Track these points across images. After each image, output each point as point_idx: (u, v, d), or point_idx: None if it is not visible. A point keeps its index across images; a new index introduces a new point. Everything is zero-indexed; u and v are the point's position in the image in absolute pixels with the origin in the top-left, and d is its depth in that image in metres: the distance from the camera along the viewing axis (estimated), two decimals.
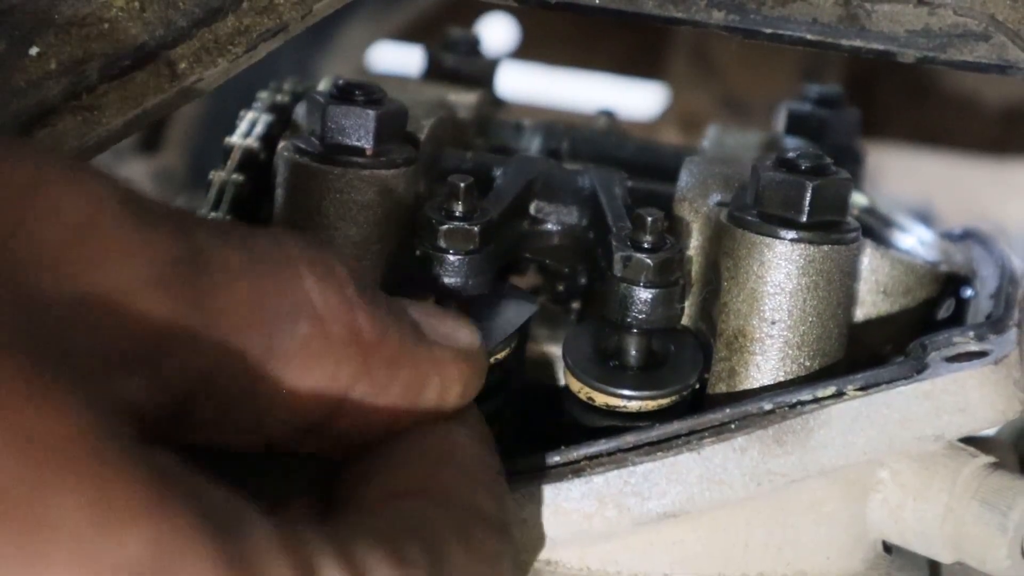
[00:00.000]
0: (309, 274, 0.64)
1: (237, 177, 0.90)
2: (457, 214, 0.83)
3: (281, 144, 0.87)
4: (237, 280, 0.62)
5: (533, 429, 0.88)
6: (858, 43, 0.80)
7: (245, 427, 0.63)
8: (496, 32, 1.90)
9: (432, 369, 0.68)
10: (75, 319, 0.56)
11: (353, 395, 0.65)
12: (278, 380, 0.63)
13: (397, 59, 1.81)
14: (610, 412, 0.82)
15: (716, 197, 0.86)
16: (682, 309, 0.84)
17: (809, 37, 0.80)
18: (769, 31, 0.81)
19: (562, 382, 0.85)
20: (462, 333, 0.70)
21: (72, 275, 0.57)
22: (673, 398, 0.83)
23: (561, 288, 0.93)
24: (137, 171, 1.57)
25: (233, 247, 0.62)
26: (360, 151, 0.84)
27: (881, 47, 0.80)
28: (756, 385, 0.83)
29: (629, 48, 1.92)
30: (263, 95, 0.95)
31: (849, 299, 0.85)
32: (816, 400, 0.79)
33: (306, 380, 0.63)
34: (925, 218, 1.37)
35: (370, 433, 0.66)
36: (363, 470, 0.66)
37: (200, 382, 0.61)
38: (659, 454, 0.77)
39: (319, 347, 0.64)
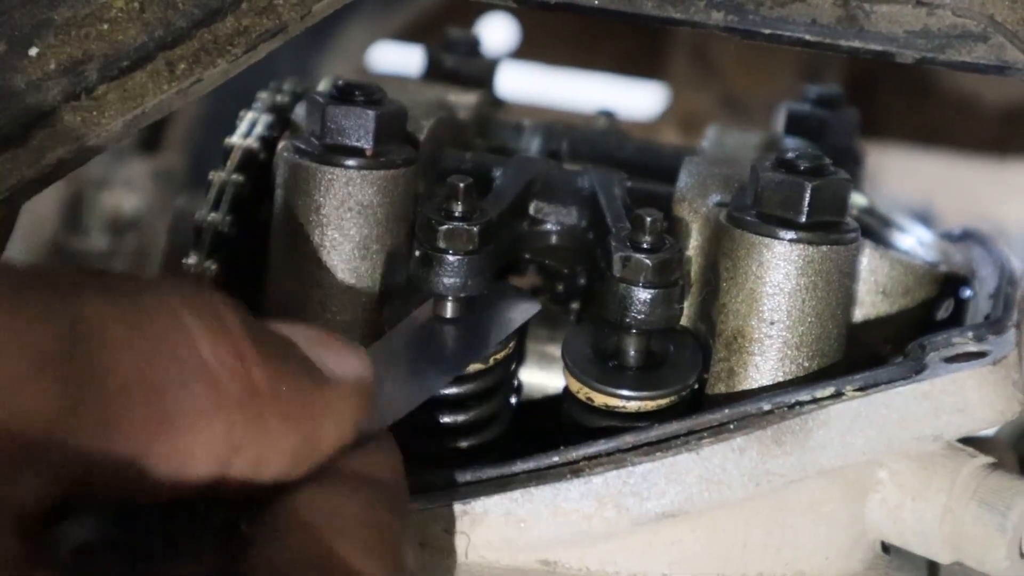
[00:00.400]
0: (198, 330, 0.61)
1: (237, 177, 0.90)
2: (456, 214, 0.83)
3: (281, 144, 0.87)
4: (122, 353, 0.59)
5: (532, 429, 0.88)
6: (857, 44, 0.80)
7: (141, 492, 0.60)
8: (496, 32, 1.90)
9: (327, 412, 0.65)
10: None
11: (247, 450, 0.62)
12: (171, 448, 0.60)
13: (397, 59, 1.81)
14: (609, 412, 0.82)
15: (715, 197, 0.86)
16: (681, 309, 0.84)
17: (808, 38, 0.80)
18: (768, 32, 0.81)
19: (561, 382, 0.85)
20: (351, 361, 0.67)
21: None
22: (672, 398, 0.83)
23: (560, 288, 0.93)
24: (137, 171, 1.58)
25: (117, 312, 0.59)
26: (360, 151, 0.85)
27: (880, 48, 0.80)
28: (755, 385, 0.83)
29: (629, 48, 1.92)
30: (263, 95, 0.95)
31: (848, 299, 0.85)
32: (815, 400, 0.79)
33: (199, 442, 0.60)
34: (925, 218, 1.37)
35: (267, 484, 0.63)
36: (258, 534, 0.63)
37: (88, 466, 0.58)
38: (658, 454, 0.77)
39: (212, 408, 0.61)
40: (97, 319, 0.59)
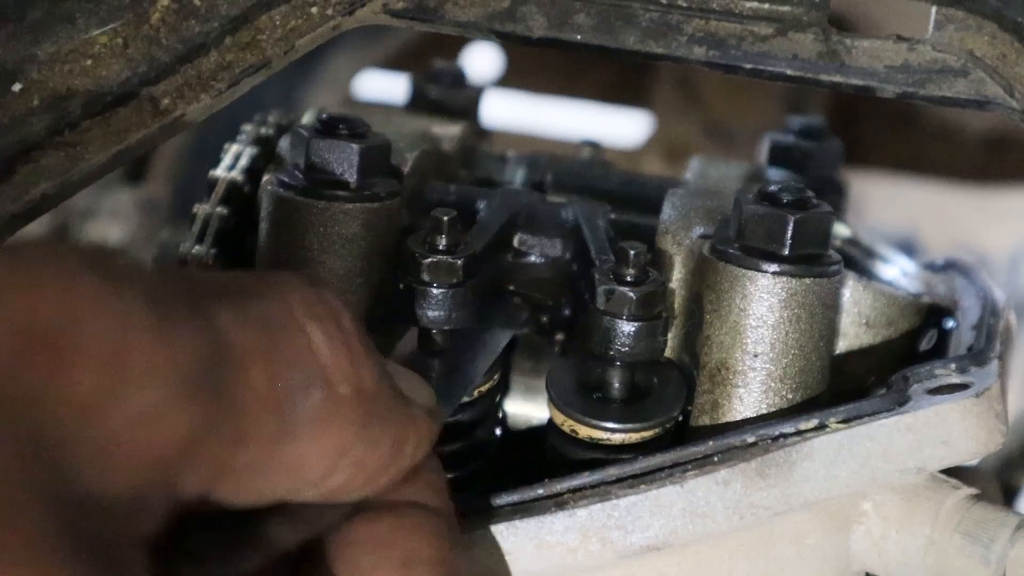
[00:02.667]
0: (316, 332, 0.62)
1: (221, 210, 0.90)
2: (440, 247, 0.83)
3: (265, 177, 0.87)
4: (254, 365, 0.59)
5: (516, 461, 0.88)
6: (838, 78, 0.81)
7: (247, 499, 0.61)
8: (481, 60, 1.91)
9: (410, 427, 0.66)
10: (98, 463, 0.54)
11: (352, 453, 0.63)
12: (290, 456, 0.61)
13: (382, 88, 1.81)
14: (593, 445, 0.82)
15: (699, 230, 0.87)
16: (665, 342, 0.84)
17: (789, 72, 0.81)
18: (750, 67, 0.81)
19: (546, 414, 0.85)
20: (422, 390, 0.69)
21: (98, 416, 0.54)
22: (656, 431, 0.83)
23: (545, 320, 0.93)
24: (122, 201, 1.58)
25: (248, 325, 0.60)
26: (344, 184, 0.85)
27: (861, 82, 0.81)
28: (739, 418, 0.83)
29: (614, 76, 1.93)
30: (247, 128, 0.95)
31: (831, 331, 0.85)
32: (799, 433, 0.79)
33: (314, 448, 0.62)
34: (908, 247, 1.37)
35: (355, 492, 0.65)
36: (315, 555, 0.64)
37: (215, 483, 0.59)
38: (642, 487, 0.77)
39: (329, 413, 0.62)
40: (231, 334, 0.59)
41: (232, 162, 0.93)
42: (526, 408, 0.90)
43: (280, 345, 0.61)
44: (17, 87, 0.77)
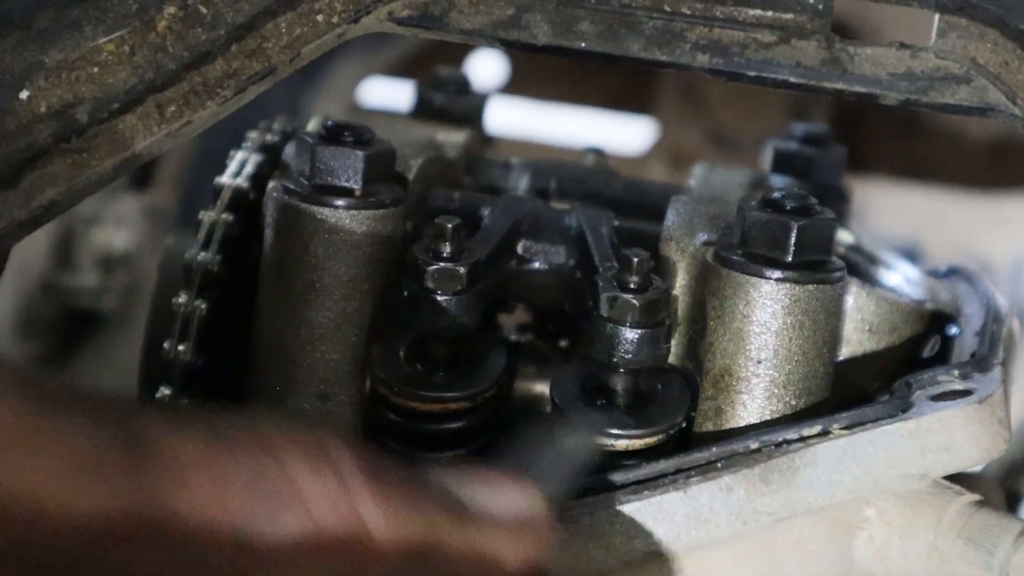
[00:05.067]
0: (296, 460, 0.55)
1: (227, 217, 0.91)
2: (444, 255, 0.84)
3: (270, 184, 0.88)
4: (195, 473, 0.53)
5: None
6: (841, 86, 0.81)
7: None
8: (485, 67, 1.91)
9: (467, 556, 0.58)
10: None
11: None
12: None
13: (387, 94, 1.81)
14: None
15: (702, 236, 0.87)
16: (668, 348, 0.84)
17: (793, 80, 0.81)
18: (753, 74, 0.82)
19: None
20: (511, 498, 0.60)
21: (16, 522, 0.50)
22: (660, 437, 0.83)
23: (549, 326, 0.93)
24: (128, 208, 1.58)
25: (188, 433, 0.54)
26: (349, 192, 0.85)
27: (864, 90, 0.81)
28: (742, 424, 0.83)
29: (618, 84, 1.93)
30: (253, 135, 0.96)
31: (834, 338, 0.85)
32: (802, 439, 0.79)
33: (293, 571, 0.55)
34: (912, 254, 1.37)
35: None
36: None
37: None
38: (646, 493, 0.78)
39: (313, 548, 0.55)
40: (166, 437, 0.54)
41: (238, 169, 0.93)
42: (530, 414, 0.90)
43: (237, 458, 0.54)
44: (24, 94, 0.78)
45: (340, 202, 0.85)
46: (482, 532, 0.59)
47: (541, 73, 1.92)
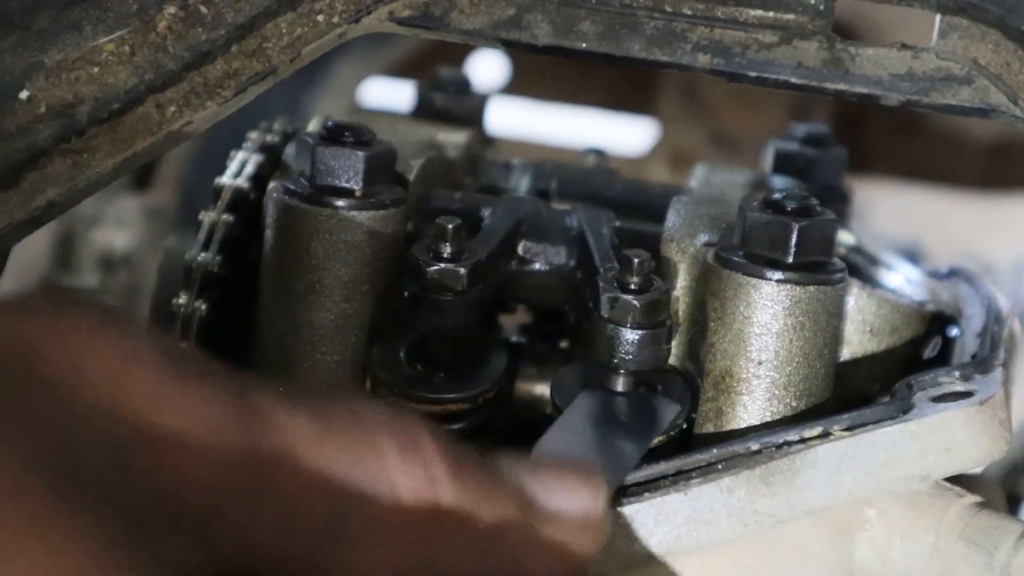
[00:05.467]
0: (390, 449, 0.59)
1: (227, 217, 0.91)
2: (445, 255, 0.83)
3: (271, 185, 0.88)
4: (305, 451, 0.57)
5: None
6: (842, 86, 0.81)
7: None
8: (486, 68, 1.91)
9: (533, 552, 0.61)
10: (119, 465, 0.53)
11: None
12: (343, 562, 0.57)
13: (388, 95, 1.81)
14: None
15: (703, 237, 0.87)
16: (669, 349, 0.84)
17: (794, 80, 0.81)
18: (754, 74, 0.81)
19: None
20: (580, 496, 0.63)
21: (103, 424, 0.53)
22: (660, 438, 0.83)
23: (549, 327, 0.93)
24: (128, 208, 1.58)
25: (301, 413, 0.58)
26: (349, 192, 0.85)
27: (865, 90, 0.81)
28: (743, 425, 0.83)
29: (619, 84, 1.93)
30: (253, 135, 0.96)
31: (835, 339, 0.85)
32: (803, 440, 0.79)
33: (374, 563, 0.58)
34: (912, 254, 1.37)
35: None
36: None
37: (252, 555, 0.56)
38: (646, 494, 0.77)
39: (393, 530, 0.58)
40: (282, 415, 0.57)
41: (238, 169, 0.93)
42: (530, 415, 0.90)
43: (341, 445, 0.58)
44: (24, 94, 0.78)
45: (341, 203, 0.85)
46: (548, 526, 0.62)
47: (541, 74, 1.92)
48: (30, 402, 0.52)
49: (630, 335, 0.81)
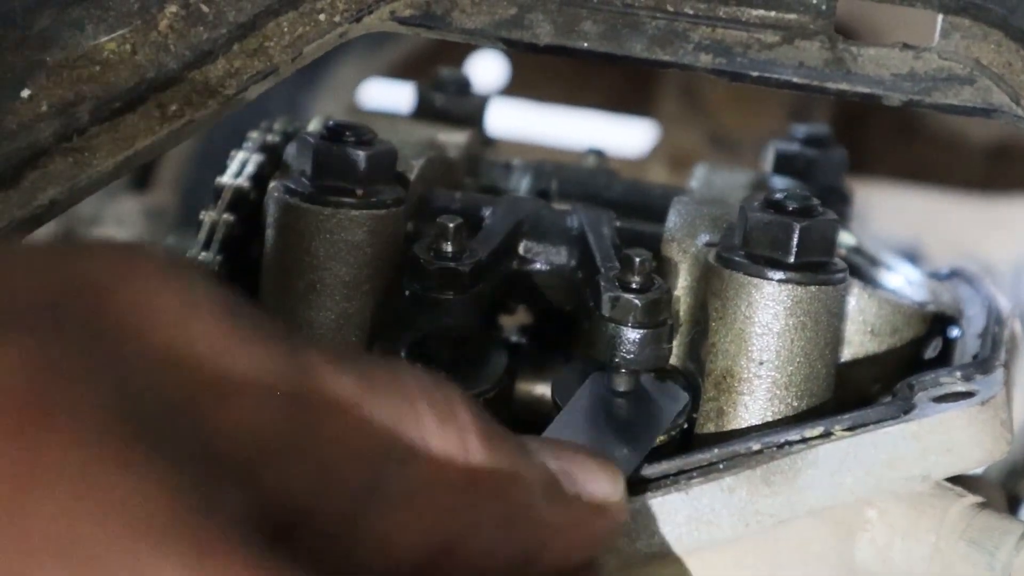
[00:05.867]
0: (428, 414, 0.59)
1: (227, 217, 0.91)
2: (446, 255, 0.83)
3: (271, 184, 0.88)
4: (349, 409, 0.57)
5: None
6: (844, 86, 0.81)
7: (344, 558, 0.58)
8: (486, 69, 1.91)
9: (556, 530, 0.62)
10: (186, 407, 0.53)
11: (458, 549, 0.59)
12: (378, 522, 0.58)
13: (388, 96, 1.81)
14: None
15: (704, 237, 0.87)
16: (670, 349, 0.84)
17: (796, 80, 0.81)
18: (756, 74, 0.81)
19: None
20: (601, 482, 0.64)
21: (163, 365, 0.53)
22: (661, 438, 0.83)
23: (550, 327, 0.93)
24: (128, 208, 1.58)
25: (347, 374, 0.58)
26: (350, 191, 0.85)
27: (867, 90, 0.81)
28: (744, 425, 0.83)
29: (619, 85, 1.93)
30: (254, 135, 0.96)
31: (836, 339, 0.85)
32: (804, 440, 0.79)
33: (409, 526, 0.58)
34: (912, 256, 1.37)
35: None
36: None
37: (293, 507, 0.56)
38: (647, 494, 0.77)
39: (425, 497, 0.59)
40: (330, 373, 0.57)
41: (238, 169, 0.93)
42: (531, 415, 0.90)
43: (382, 406, 0.58)
44: (26, 93, 0.78)
45: (342, 202, 0.85)
46: (570, 506, 0.62)
47: (541, 75, 1.92)
48: (102, 339, 0.53)
49: (631, 334, 0.81)
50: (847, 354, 0.89)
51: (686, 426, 0.84)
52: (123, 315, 0.54)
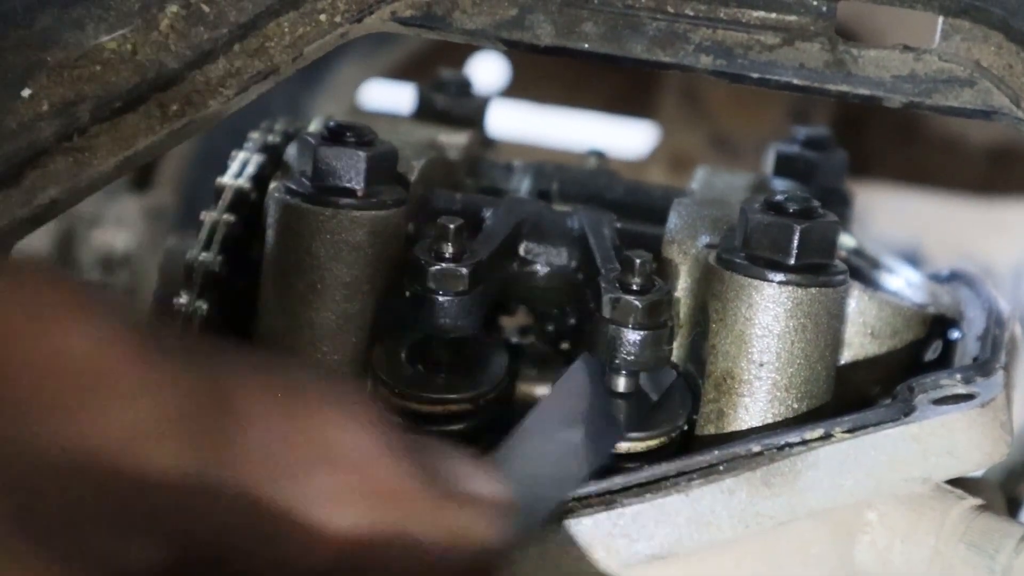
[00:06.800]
0: (338, 418, 0.59)
1: (228, 217, 0.91)
2: (447, 255, 0.83)
3: (272, 185, 0.88)
4: (258, 425, 0.57)
5: None
6: (845, 88, 0.81)
7: (271, 563, 0.58)
8: (486, 71, 1.91)
9: (433, 524, 0.62)
10: (73, 470, 0.52)
11: (385, 546, 0.60)
12: (305, 530, 0.58)
13: (388, 97, 1.81)
14: None
15: (705, 239, 0.87)
16: (670, 350, 0.84)
17: (796, 82, 0.81)
18: (756, 76, 0.81)
19: None
20: (485, 481, 0.64)
21: (68, 425, 0.53)
22: (662, 440, 0.83)
23: (550, 329, 0.93)
24: (129, 208, 1.58)
25: (256, 387, 0.58)
26: (351, 192, 0.85)
27: (868, 92, 0.81)
28: (744, 427, 0.83)
29: (619, 87, 1.93)
30: (254, 135, 0.96)
31: (837, 341, 0.85)
32: (804, 442, 0.79)
33: (336, 529, 0.58)
34: (913, 258, 1.37)
35: None
36: None
37: (215, 535, 0.56)
38: (648, 496, 0.77)
39: (351, 496, 0.59)
40: (238, 389, 0.57)
41: (239, 169, 0.93)
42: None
43: (291, 415, 0.58)
44: (26, 92, 0.77)
45: (342, 203, 0.85)
46: (450, 505, 0.63)
47: (542, 76, 1.92)
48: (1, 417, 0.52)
49: (632, 335, 0.81)
50: (847, 356, 0.89)
51: (686, 428, 0.84)
52: (29, 369, 0.53)
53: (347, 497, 0.59)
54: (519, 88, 1.92)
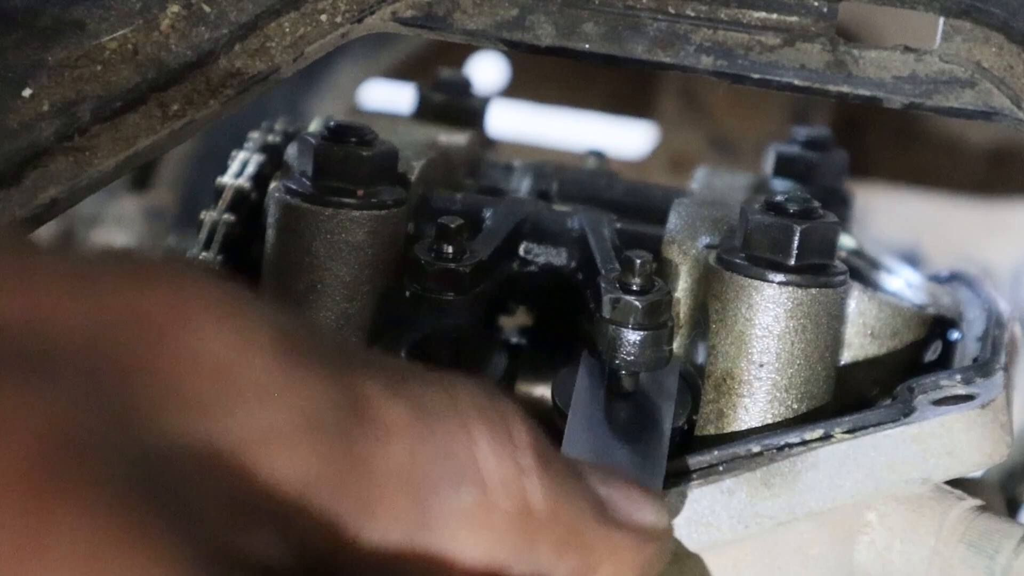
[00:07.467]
0: (482, 437, 0.57)
1: (228, 217, 0.91)
2: (447, 255, 0.83)
3: (272, 185, 0.88)
4: (397, 439, 0.56)
5: None
6: (845, 89, 0.81)
7: None
8: (486, 70, 1.91)
9: (605, 556, 0.60)
10: (200, 466, 0.51)
11: (511, 572, 0.58)
12: (427, 552, 0.56)
13: (388, 97, 1.81)
14: None
15: (705, 239, 0.87)
16: (671, 351, 0.84)
17: (797, 83, 0.81)
18: (757, 76, 0.81)
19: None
20: (647, 511, 0.63)
21: (203, 420, 0.51)
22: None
23: (550, 329, 0.93)
24: (128, 208, 1.58)
25: (400, 400, 0.56)
26: (351, 192, 0.85)
27: (868, 93, 0.81)
28: (744, 427, 0.83)
29: (619, 87, 1.93)
30: (254, 135, 0.96)
31: (837, 342, 0.85)
32: (804, 443, 0.79)
33: (459, 554, 0.57)
34: (912, 259, 1.38)
35: None
36: None
37: (338, 546, 0.54)
38: None
39: (480, 520, 0.57)
40: (382, 401, 0.56)
41: (239, 169, 0.93)
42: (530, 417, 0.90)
43: (433, 432, 0.56)
44: (27, 92, 0.78)
45: (342, 203, 0.85)
46: (617, 533, 0.61)
47: (542, 77, 1.92)
48: (137, 394, 0.50)
49: (632, 336, 0.81)
50: (847, 357, 0.89)
51: (686, 428, 0.84)
52: (169, 364, 0.51)
53: (477, 521, 0.57)
54: (519, 88, 1.92)
